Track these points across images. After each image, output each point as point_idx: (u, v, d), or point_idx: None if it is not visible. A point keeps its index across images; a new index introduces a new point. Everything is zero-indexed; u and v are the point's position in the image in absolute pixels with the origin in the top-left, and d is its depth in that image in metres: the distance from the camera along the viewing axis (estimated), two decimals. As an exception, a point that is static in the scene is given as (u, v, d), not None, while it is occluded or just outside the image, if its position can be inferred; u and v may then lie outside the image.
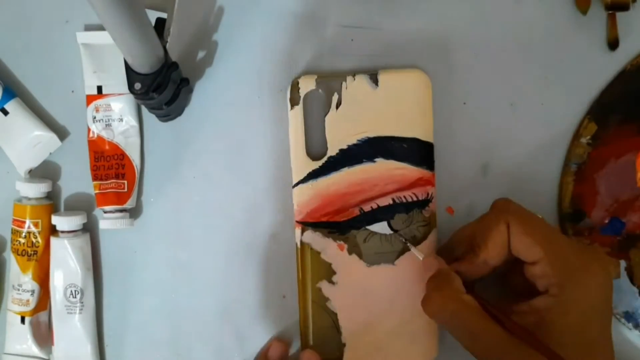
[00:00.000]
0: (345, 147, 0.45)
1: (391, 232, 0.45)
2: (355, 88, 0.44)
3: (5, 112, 0.45)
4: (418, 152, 0.45)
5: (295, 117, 0.45)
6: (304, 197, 0.45)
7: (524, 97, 0.46)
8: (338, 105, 0.44)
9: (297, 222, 0.45)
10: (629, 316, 0.45)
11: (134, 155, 0.46)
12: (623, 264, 0.45)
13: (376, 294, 0.45)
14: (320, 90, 0.45)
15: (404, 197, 0.45)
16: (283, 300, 0.46)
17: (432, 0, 0.46)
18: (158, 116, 0.45)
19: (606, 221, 0.46)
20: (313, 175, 0.45)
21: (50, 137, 0.46)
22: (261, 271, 0.46)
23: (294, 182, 0.45)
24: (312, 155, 0.45)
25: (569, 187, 0.46)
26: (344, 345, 0.45)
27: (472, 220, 0.43)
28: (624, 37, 0.45)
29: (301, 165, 0.45)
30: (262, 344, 0.47)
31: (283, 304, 0.46)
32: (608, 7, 0.45)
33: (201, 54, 0.46)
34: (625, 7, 0.45)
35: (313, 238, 0.45)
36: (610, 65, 0.46)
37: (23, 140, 0.45)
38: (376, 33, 0.46)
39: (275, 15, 0.46)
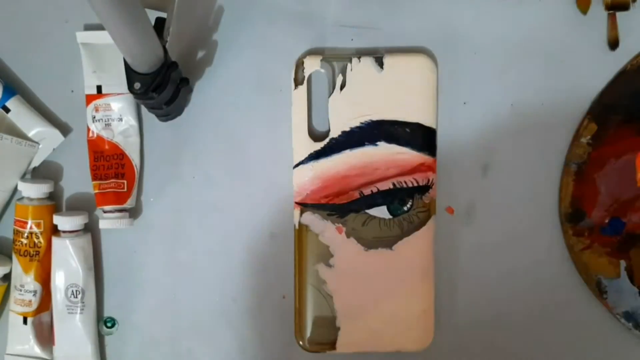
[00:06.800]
0: (347, 129, 0.44)
1: (390, 217, 0.45)
2: (360, 70, 0.44)
3: (7, 110, 0.45)
4: (420, 137, 0.44)
5: (299, 96, 0.44)
6: (304, 178, 0.44)
7: (524, 97, 0.46)
8: (342, 86, 0.44)
9: (296, 203, 0.45)
10: (629, 316, 0.45)
11: (133, 155, 0.46)
12: (623, 264, 0.46)
13: (373, 278, 0.45)
14: (324, 71, 0.44)
15: (405, 182, 0.44)
16: (283, 300, 0.46)
17: (432, 2, 0.46)
18: (158, 116, 0.45)
19: (606, 221, 0.45)
20: (314, 156, 0.44)
21: (53, 133, 0.46)
22: (261, 271, 0.47)
23: (295, 162, 0.45)
24: (314, 136, 0.45)
25: (569, 187, 0.46)
26: (339, 329, 0.45)
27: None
28: (624, 37, 0.45)
29: (303, 145, 0.44)
30: (262, 344, 0.47)
31: (283, 304, 0.46)
32: (608, 7, 0.45)
33: (201, 54, 0.46)
34: (625, 7, 0.45)
35: (312, 220, 0.45)
36: (610, 65, 0.46)
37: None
38: (376, 33, 0.46)
39: (275, 15, 0.46)
